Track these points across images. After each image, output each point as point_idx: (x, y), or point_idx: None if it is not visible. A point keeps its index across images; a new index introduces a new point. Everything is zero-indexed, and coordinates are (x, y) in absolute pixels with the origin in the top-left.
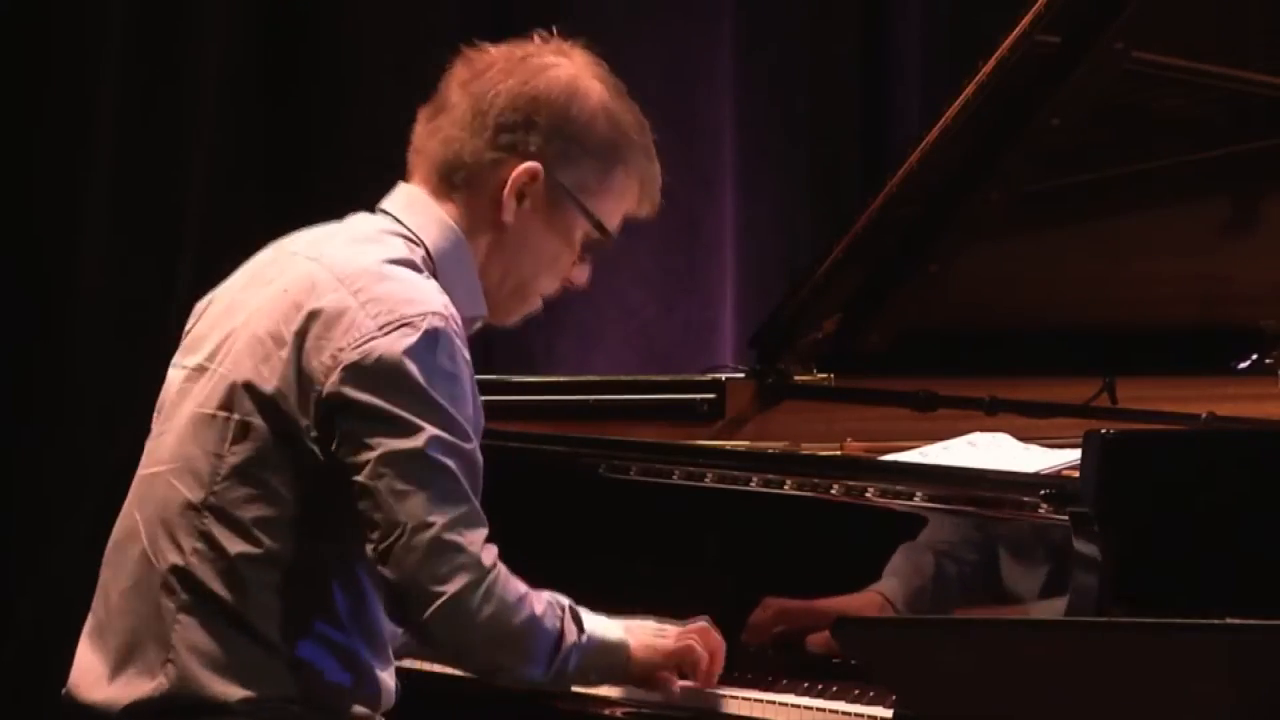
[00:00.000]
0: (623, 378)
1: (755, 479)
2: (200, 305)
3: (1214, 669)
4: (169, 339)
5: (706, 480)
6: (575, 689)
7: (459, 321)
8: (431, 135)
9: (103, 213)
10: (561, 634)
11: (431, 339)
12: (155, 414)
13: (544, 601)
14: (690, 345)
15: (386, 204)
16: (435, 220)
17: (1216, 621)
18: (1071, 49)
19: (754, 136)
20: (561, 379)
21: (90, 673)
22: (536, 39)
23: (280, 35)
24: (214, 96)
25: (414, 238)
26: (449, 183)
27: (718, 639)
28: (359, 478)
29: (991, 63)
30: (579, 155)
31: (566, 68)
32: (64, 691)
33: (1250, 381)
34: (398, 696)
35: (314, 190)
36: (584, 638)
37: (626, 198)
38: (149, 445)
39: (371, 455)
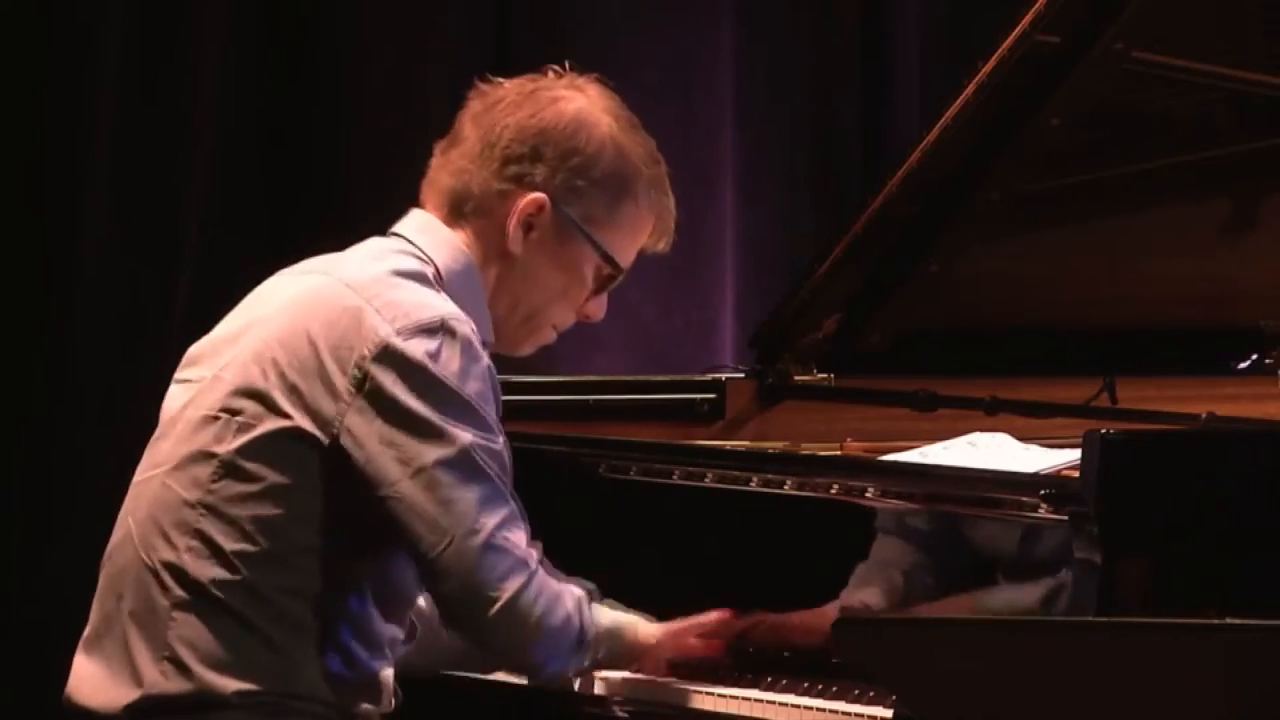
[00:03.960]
0: (623, 378)
1: (755, 479)
2: (197, 345)
3: (1213, 669)
4: (169, 341)
5: (706, 480)
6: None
7: (473, 327)
8: (443, 167)
9: (103, 213)
10: (583, 630)
11: (450, 341)
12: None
13: (573, 597)
14: (690, 345)
15: (398, 227)
16: (445, 242)
17: (1216, 621)
18: (1071, 49)
19: (754, 136)
20: (561, 379)
21: (88, 678)
22: (551, 73)
23: (281, 35)
24: (215, 97)
25: (424, 256)
26: (459, 212)
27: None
28: (394, 490)
29: (991, 63)
30: (585, 188)
31: (576, 100)
32: (64, 696)
33: (1250, 381)
34: (398, 702)
35: (314, 191)
36: (600, 629)
37: (638, 231)
38: (146, 453)
39: (409, 467)
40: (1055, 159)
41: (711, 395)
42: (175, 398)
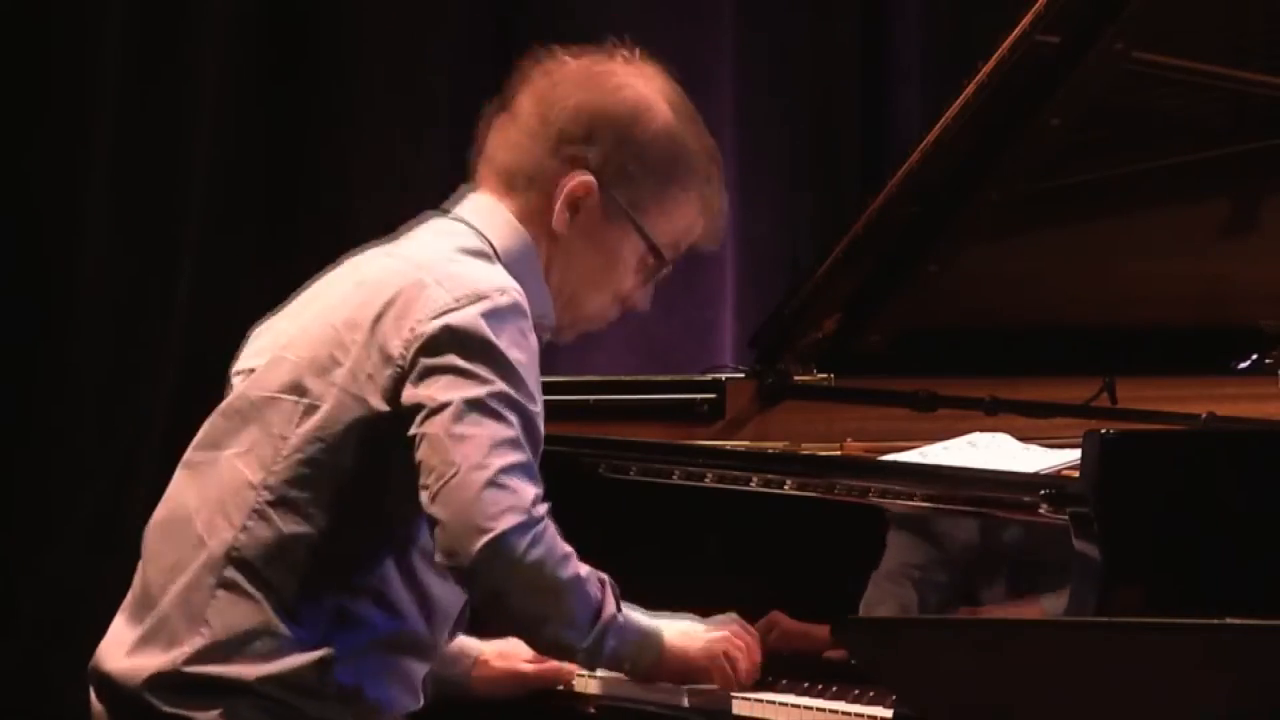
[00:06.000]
0: (623, 378)
1: (755, 479)
2: (259, 326)
3: (1213, 669)
4: (169, 341)
5: (706, 480)
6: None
7: (525, 301)
8: (501, 145)
9: (103, 213)
10: (602, 604)
11: (506, 309)
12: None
13: (587, 569)
14: (690, 345)
15: (457, 210)
16: (503, 222)
17: (1216, 621)
18: (1071, 49)
19: (754, 136)
20: (561, 379)
21: (118, 644)
22: (620, 57)
23: (281, 35)
24: (214, 97)
25: (483, 236)
26: (510, 185)
27: (749, 638)
28: (418, 428)
29: (991, 63)
30: (636, 173)
31: (639, 87)
32: (90, 663)
33: (1250, 381)
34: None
35: (313, 191)
36: (621, 617)
37: (686, 222)
38: (202, 433)
39: (433, 405)
40: (1055, 159)
41: (711, 395)
42: (238, 386)
